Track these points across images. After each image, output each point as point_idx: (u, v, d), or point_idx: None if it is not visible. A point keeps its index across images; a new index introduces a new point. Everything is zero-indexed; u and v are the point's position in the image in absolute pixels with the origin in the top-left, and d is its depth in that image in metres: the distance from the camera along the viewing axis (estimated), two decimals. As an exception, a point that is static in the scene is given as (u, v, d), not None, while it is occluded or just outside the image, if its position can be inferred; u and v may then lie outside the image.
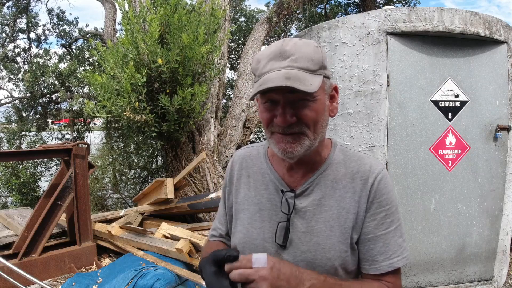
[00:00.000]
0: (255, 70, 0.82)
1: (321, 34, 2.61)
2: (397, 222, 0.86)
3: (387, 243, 0.84)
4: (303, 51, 0.77)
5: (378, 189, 0.85)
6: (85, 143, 3.85)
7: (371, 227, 0.85)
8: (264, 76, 0.77)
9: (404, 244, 0.87)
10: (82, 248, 3.41)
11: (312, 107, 0.79)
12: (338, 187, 0.86)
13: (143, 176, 7.38)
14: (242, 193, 0.95)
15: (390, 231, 0.85)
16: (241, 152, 1.03)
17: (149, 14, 3.90)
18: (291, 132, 0.79)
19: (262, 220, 0.90)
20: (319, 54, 0.79)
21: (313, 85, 0.74)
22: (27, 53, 8.59)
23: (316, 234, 0.84)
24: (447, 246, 2.52)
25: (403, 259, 0.85)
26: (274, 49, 0.78)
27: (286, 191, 0.88)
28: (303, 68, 0.76)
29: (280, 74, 0.74)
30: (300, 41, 0.79)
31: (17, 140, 7.07)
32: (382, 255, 0.84)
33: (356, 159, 0.89)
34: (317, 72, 0.78)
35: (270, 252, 0.88)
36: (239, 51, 9.91)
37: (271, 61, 0.78)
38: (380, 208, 0.85)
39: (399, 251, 0.85)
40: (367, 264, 0.86)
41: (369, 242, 0.85)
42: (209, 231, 1.09)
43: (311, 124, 0.79)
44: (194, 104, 3.98)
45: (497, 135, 2.55)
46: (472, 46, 2.49)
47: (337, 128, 2.56)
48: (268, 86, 0.73)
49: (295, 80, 0.73)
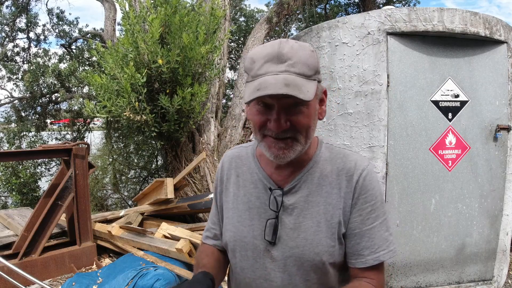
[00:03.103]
0: (248, 70, 0.81)
1: (321, 34, 2.61)
2: (382, 216, 0.88)
3: (373, 238, 0.86)
4: (300, 56, 0.77)
5: (363, 185, 0.87)
6: (85, 143, 3.85)
7: (357, 223, 0.87)
8: (260, 78, 0.76)
9: (390, 237, 0.88)
10: (82, 248, 3.41)
11: (305, 113, 0.79)
12: (324, 183, 0.88)
13: (143, 176, 7.38)
14: (232, 192, 0.97)
15: (375, 226, 0.87)
16: (230, 152, 1.05)
17: (149, 14, 3.90)
18: (284, 137, 0.80)
19: (252, 218, 0.92)
20: (314, 58, 0.79)
21: (309, 92, 0.74)
22: (26, 52, 8.60)
23: (304, 230, 0.87)
24: (447, 246, 2.52)
25: (389, 252, 0.87)
26: (270, 50, 0.77)
27: (274, 189, 0.90)
28: (300, 73, 0.76)
29: (279, 80, 0.73)
30: (296, 44, 0.78)
31: (17, 140, 7.07)
32: (368, 249, 0.86)
33: (342, 156, 0.91)
34: (312, 77, 0.78)
35: (259, 248, 0.90)
36: (239, 51, 9.91)
37: (268, 63, 0.77)
38: (365, 203, 0.87)
39: (385, 245, 0.86)
40: (354, 258, 0.88)
41: (355, 237, 0.87)
42: (203, 232, 1.10)
43: (304, 130, 0.81)
44: (194, 104, 3.99)
45: (497, 135, 2.55)
46: (472, 46, 2.49)
47: (337, 128, 2.56)
48: (268, 93, 0.72)
49: (294, 88, 0.73)
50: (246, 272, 0.93)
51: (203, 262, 0.98)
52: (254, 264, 0.91)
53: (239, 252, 0.93)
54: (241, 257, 0.93)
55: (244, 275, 0.94)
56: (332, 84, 2.54)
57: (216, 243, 1.04)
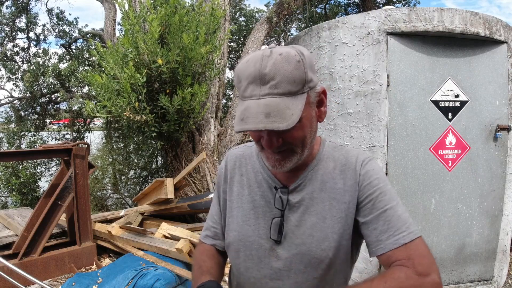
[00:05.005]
0: (237, 88, 0.80)
1: (321, 34, 2.61)
2: (395, 199, 0.84)
3: (389, 220, 0.81)
4: (283, 72, 0.73)
5: (367, 173, 0.86)
6: (85, 143, 3.85)
7: (369, 208, 0.84)
8: (245, 101, 0.75)
9: (409, 219, 0.82)
10: (82, 248, 3.41)
11: (297, 128, 0.78)
12: (328, 180, 0.88)
13: (143, 176, 7.38)
14: (236, 192, 0.97)
15: (389, 208, 0.82)
16: (234, 151, 1.04)
17: (149, 14, 3.90)
18: (280, 151, 0.81)
19: (257, 217, 0.92)
20: (301, 70, 0.75)
21: (294, 115, 0.72)
22: (26, 52, 8.60)
23: (310, 227, 0.86)
24: (447, 246, 2.52)
25: (410, 234, 0.79)
26: (253, 69, 0.74)
27: (279, 188, 0.90)
28: (284, 93, 0.73)
29: (261, 108, 0.72)
30: (280, 57, 0.74)
31: (17, 140, 7.07)
32: (386, 233, 0.80)
33: (344, 153, 0.92)
34: (300, 92, 0.75)
35: (265, 248, 0.90)
36: (239, 51, 9.91)
37: (251, 84, 0.75)
38: (372, 188, 0.85)
39: (405, 226, 0.80)
40: (374, 246, 0.82)
41: (371, 224, 0.83)
42: (202, 231, 1.09)
43: (300, 142, 0.81)
44: (194, 104, 3.99)
45: (497, 135, 2.55)
46: (472, 46, 2.49)
47: (337, 128, 2.56)
48: (248, 128, 0.72)
49: (276, 116, 0.71)
50: (251, 271, 0.92)
51: (206, 265, 0.98)
52: (259, 264, 0.91)
53: (243, 251, 0.93)
54: (246, 257, 0.92)
55: (249, 275, 0.93)
56: (332, 84, 2.54)
57: (216, 243, 1.03)
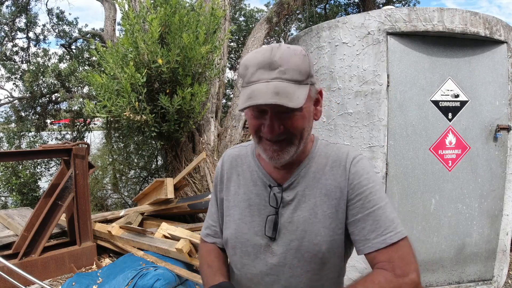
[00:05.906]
0: (242, 76, 0.84)
1: (321, 34, 2.61)
2: (385, 199, 0.86)
3: (377, 220, 0.83)
4: (291, 62, 0.79)
5: (356, 172, 0.88)
6: (85, 143, 3.85)
7: (359, 207, 0.86)
8: (252, 85, 0.79)
9: (397, 220, 0.84)
10: (82, 248, 3.41)
11: (299, 116, 0.82)
12: (320, 176, 0.91)
13: (143, 176, 7.38)
14: (233, 191, 1.00)
15: (378, 208, 0.84)
16: (230, 151, 1.07)
17: (149, 14, 3.90)
18: (278, 140, 0.83)
19: (252, 215, 0.94)
20: (307, 63, 0.81)
21: (300, 99, 0.77)
22: (25, 52, 8.60)
23: (302, 223, 0.89)
24: (447, 246, 2.52)
25: (396, 234, 0.82)
26: (262, 57, 0.80)
27: (273, 186, 0.93)
28: (291, 79, 0.78)
29: (270, 88, 0.76)
30: (288, 49, 0.80)
31: (17, 140, 7.07)
32: (374, 232, 0.83)
33: (335, 149, 0.94)
34: (304, 82, 0.80)
35: (260, 244, 0.92)
36: (239, 51, 9.92)
37: (260, 70, 0.79)
38: (362, 188, 0.86)
39: (392, 226, 0.82)
40: (361, 244, 0.85)
41: (359, 222, 0.85)
42: (202, 230, 1.12)
43: (299, 133, 0.84)
44: (194, 104, 3.99)
45: (497, 135, 2.55)
46: (472, 46, 2.49)
47: (337, 128, 2.56)
48: (257, 103, 0.75)
49: (284, 96, 0.75)
50: (248, 268, 0.95)
51: (215, 265, 1.01)
52: (255, 260, 0.93)
53: (239, 248, 0.95)
54: (242, 254, 0.95)
55: (246, 271, 0.96)
56: (332, 84, 2.54)
57: (217, 241, 1.07)
